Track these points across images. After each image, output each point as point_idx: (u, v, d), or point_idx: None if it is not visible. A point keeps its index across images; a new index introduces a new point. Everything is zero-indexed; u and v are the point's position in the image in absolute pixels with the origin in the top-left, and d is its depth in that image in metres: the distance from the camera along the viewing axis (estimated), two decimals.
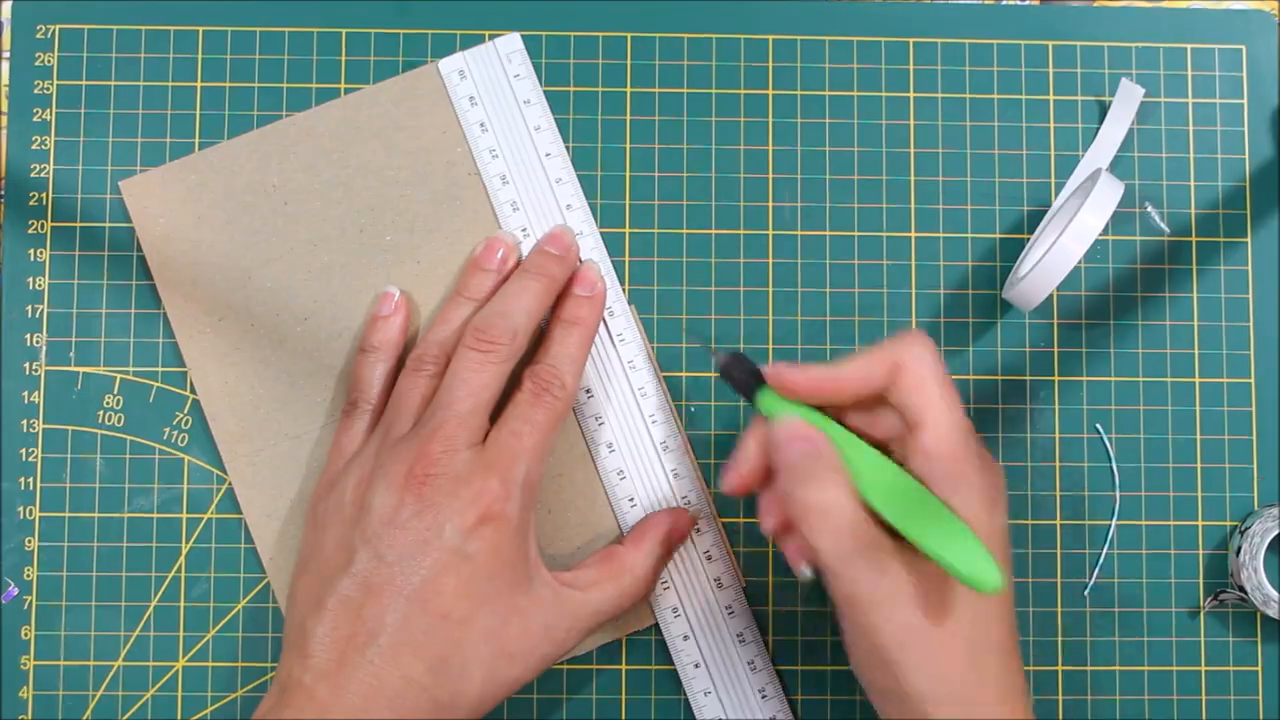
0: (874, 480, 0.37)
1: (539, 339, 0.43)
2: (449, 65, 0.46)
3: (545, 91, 0.46)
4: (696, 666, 0.44)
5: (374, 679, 0.36)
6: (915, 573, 0.36)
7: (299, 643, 0.37)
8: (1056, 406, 0.46)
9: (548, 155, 0.45)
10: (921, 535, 0.36)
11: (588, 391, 0.45)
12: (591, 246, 0.45)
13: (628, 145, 0.46)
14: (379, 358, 0.43)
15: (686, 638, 0.44)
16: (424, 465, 0.38)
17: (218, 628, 0.44)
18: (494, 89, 0.46)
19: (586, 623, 0.40)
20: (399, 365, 0.43)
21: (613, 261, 0.45)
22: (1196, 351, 0.46)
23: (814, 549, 0.37)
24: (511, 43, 0.46)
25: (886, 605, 0.36)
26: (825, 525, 0.36)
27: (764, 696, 0.44)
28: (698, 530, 0.44)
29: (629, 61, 0.46)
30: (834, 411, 0.39)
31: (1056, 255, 0.40)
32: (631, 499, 0.44)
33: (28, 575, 0.44)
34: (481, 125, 0.45)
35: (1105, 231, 0.45)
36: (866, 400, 0.39)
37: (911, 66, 0.47)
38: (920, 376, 0.37)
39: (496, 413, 0.41)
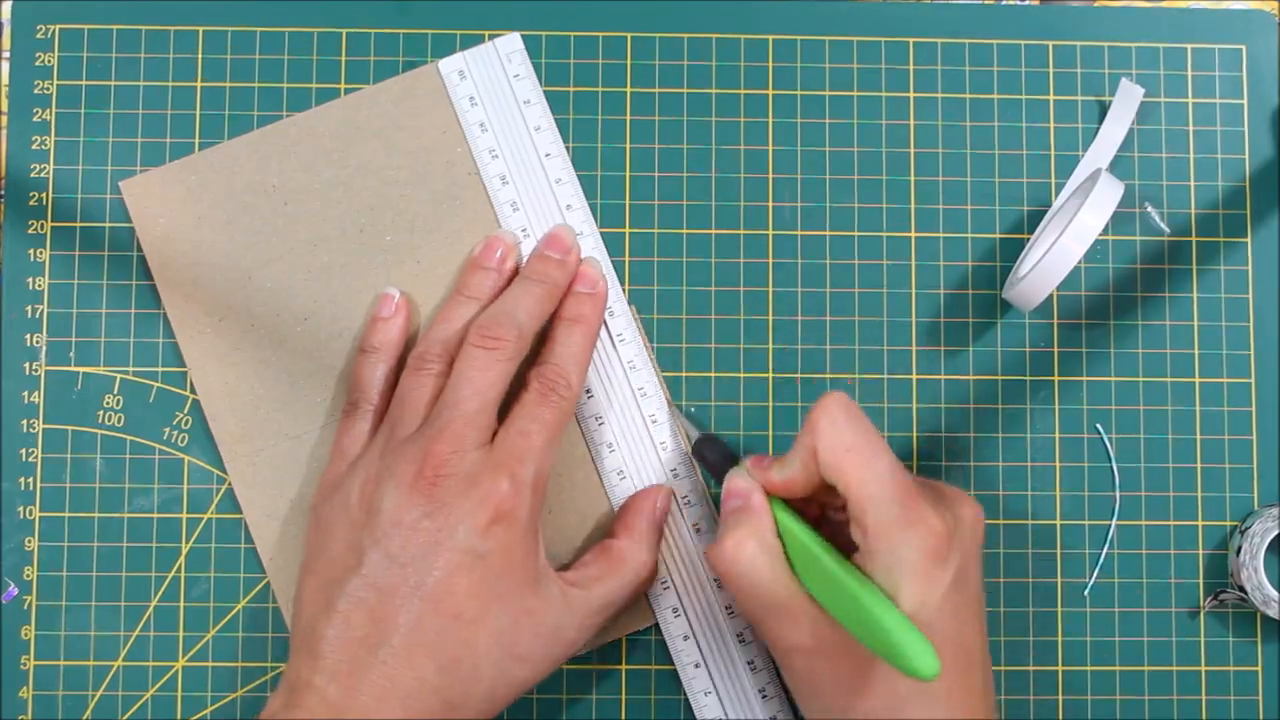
0: (803, 560, 0.38)
1: (541, 341, 0.43)
2: (449, 65, 0.46)
3: (545, 91, 0.46)
4: (697, 666, 0.44)
5: (387, 679, 0.36)
6: (830, 626, 0.37)
7: (308, 644, 0.37)
8: (1056, 406, 0.46)
9: (548, 155, 0.45)
10: (847, 620, 0.36)
11: (588, 392, 0.45)
12: (592, 246, 0.45)
13: (628, 145, 0.46)
14: (379, 358, 0.43)
15: (687, 638, 0.44)
16: (433, 466, 0.38)
17: (218, 628, 0.44)
18: (494, 89, 0.46)
19: (595, 620, 0.40)
20: (399, 366, 0.43)
21: (613, 261, 0.45)
22: (1196, 351, 0.46)
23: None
24: (511, 43, 0.46)
25: (797, 655, 0.38)
26: (731, 576, 0.38)
27: (764, 696, 0.44)
28: (697, 530, 0.44)
29: (629, 61, 0.46)
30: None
31: (1056, 255, 0.40)
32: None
33: (28, 575, 0.44)
34: (481, 125, 0.45)
35: (1105, 231, 0.45)
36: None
37: (911, 66, 0.47)
38: (831, 456, 0.38)
39: (501, 413, 0.41)
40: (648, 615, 0.44)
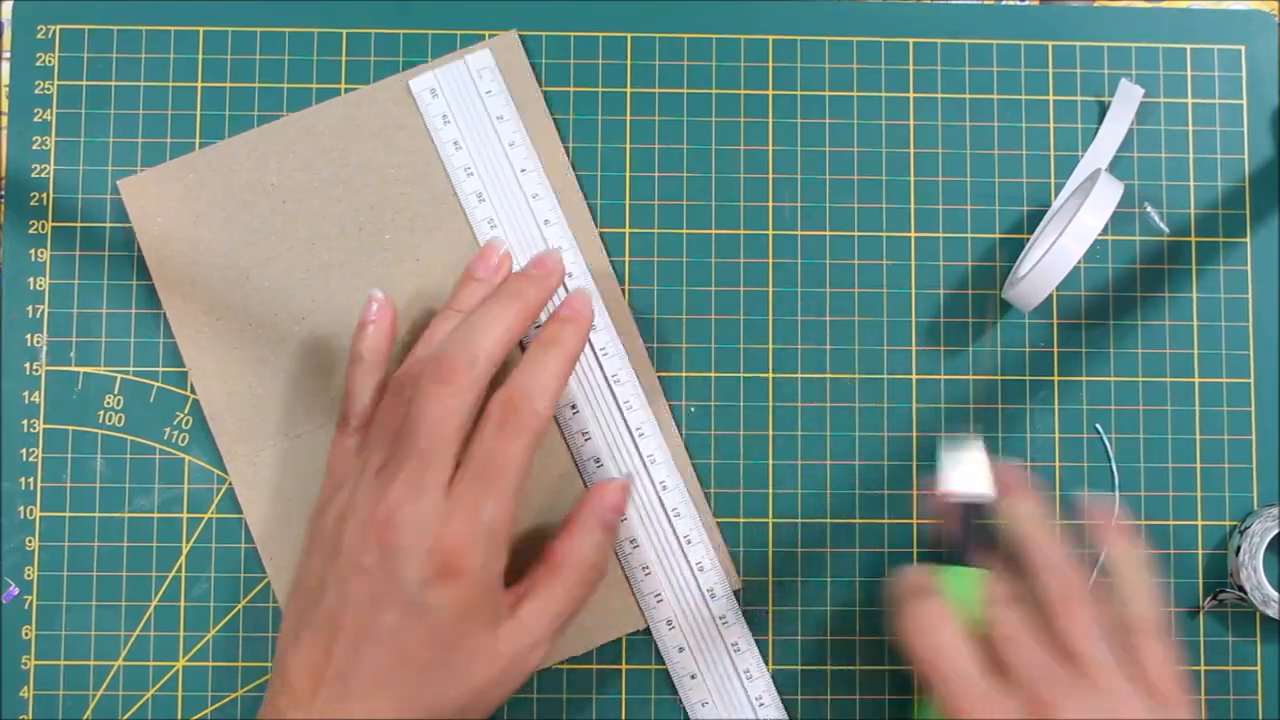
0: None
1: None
2: (420, 84, 0.45)
3: (545, 92, 0.46)
4: (693, 678, 0.44)
5: (346, 714, 0.36)
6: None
7: (280, 666, 0.38)
8: (1056, 406, 0.46)
9: (523, 171, 0.45)
10: None
11: (573, 408, 0.44)
12: (572, 261, 0.45)
13: (628, 145, 0.46)
14: (367, 369, 0.42)
15: (682, 650, 0.44)
16: (385, 511, 0.37)
17: (218, 628, 0.44)
18: (466, 106, 0.45)
19: (547, 630, 0.39)
20: (392, 369, 0.43)
21: (613, 261, 0.45)
22: (1196, 351, 0.46)
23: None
24: (482, 59, 0.46)
25: None
26: (933, 668, 0.37)
27: (761, 704, 0.44)
28: (688, 541, 0.44)
29: (629, 61, 0.46)
30: None
31: (1056, 255, 0.40)
32: (623, 516, 0.44)
33: (28, 575, 0.44)
34: (455, 143, 0.45)
35: (1105, 231, 0.45)
36: None
37: (911, 66, 0.47)
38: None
39: None
40: (638, 618, 0.44)
